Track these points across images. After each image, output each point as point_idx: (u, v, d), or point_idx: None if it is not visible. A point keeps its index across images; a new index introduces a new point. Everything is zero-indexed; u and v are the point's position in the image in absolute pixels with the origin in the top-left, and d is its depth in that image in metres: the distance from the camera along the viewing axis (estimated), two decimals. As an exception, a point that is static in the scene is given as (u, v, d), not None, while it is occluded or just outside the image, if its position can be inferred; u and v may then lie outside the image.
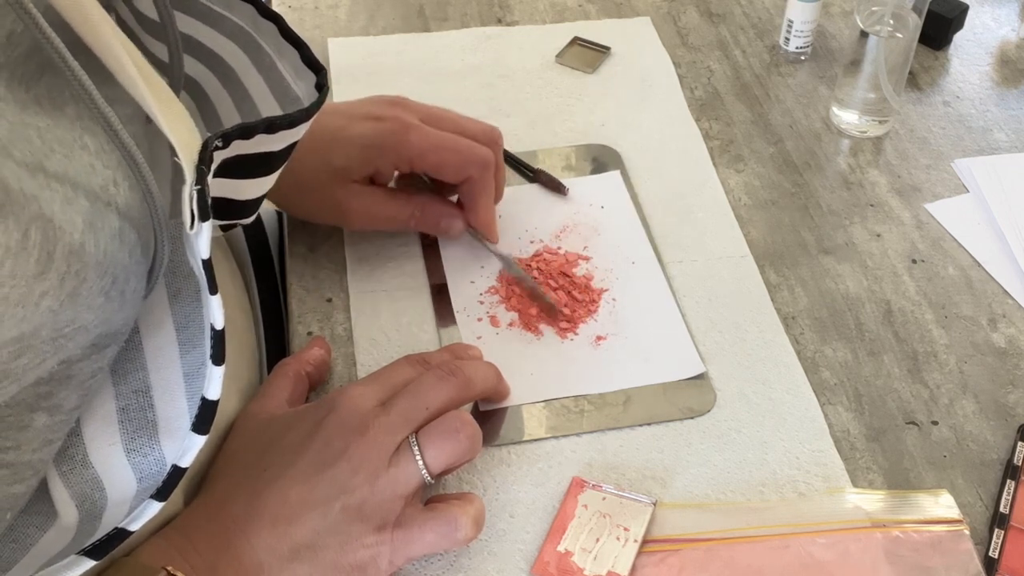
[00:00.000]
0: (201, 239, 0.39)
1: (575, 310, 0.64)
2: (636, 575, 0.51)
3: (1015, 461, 0.56)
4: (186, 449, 0.42)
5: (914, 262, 0.68)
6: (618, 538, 0.52)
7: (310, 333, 0.63)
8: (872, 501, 0.54)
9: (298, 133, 0.47)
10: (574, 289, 0.65)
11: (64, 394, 0.41)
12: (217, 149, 0.41)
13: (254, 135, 0.43)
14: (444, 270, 0.66)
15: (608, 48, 0.85)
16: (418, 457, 0.49)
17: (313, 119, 0.47)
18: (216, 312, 0.40)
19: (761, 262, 0.68)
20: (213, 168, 0.41)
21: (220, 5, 0.50)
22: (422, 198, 0.66)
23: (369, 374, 0.55)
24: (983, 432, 0.58)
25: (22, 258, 0.34)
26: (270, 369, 0.58)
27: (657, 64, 0.84)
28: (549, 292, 0.64)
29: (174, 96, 0.42)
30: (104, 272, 0.38)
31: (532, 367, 0.61)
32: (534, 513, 0.54)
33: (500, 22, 0.88)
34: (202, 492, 0.50)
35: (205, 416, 0.42)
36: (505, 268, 0.66)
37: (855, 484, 0.55)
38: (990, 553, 0.52)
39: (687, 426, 0.58)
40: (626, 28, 0.88)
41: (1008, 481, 0.55)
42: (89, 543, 0.41)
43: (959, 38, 0.86)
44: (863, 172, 0.75)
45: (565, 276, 0.66)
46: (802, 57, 0.84)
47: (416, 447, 0.50)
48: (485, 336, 0.62)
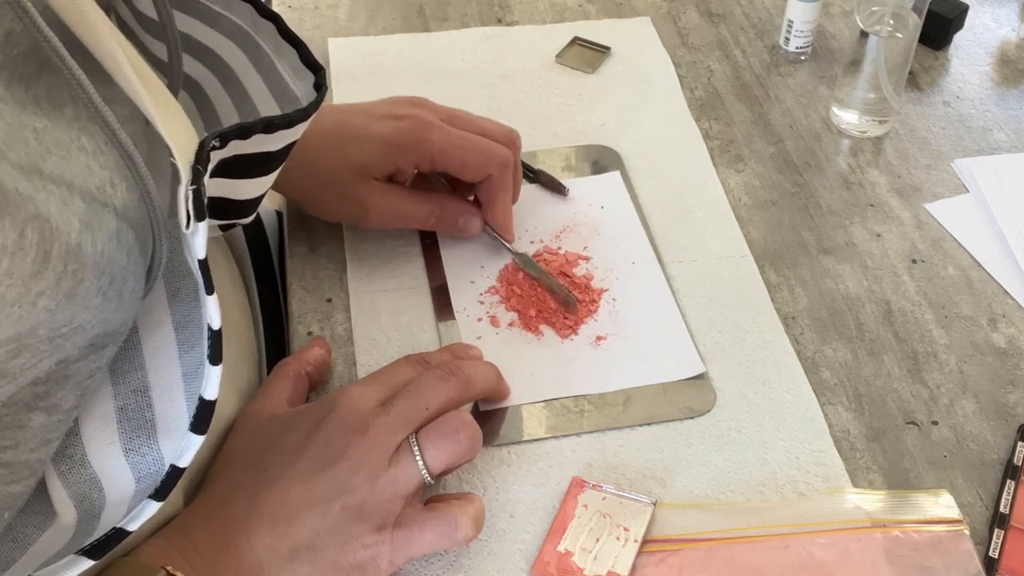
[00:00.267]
0: (197, 239, 0.39)
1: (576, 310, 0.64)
2: (636, 575, 0.51)
3: (1015, 461, 0.56)
4: (184, 449, 0.43)
5: (914, 262, 0.68)
6: (618, 538, 0.52)
7: (310, 333, 0.63)
8: (872, 501, 0.54)
9: (296, 133, 0.47)
10: (574, 289, 0.65)
11: (62, 394, 0.41)
12: (214, 149, 0.41)
13: (252, 135, 0.43)
14: (444, 270, 0.66)
15: (608, 48, 0.85)
16: (418, 457, 0.49)
17: (312, 118, 0.47)
18: (213, 312, 0.40)
19: (761, 262, 0.68)
20: (210, 168, 0.41)
21: (219, 4, 0.50)
22: (441, 197, 0.66)
23: (369, 374, 0.56)
24: (983, 432, 0.58)
25: (18, 257, 0.34)
26: (270, 369, 0.58)
27: (657, 64, 0.84)
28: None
29: (171, 96, 0.42)
30: (101, 272, 0.38)
31: (532, 367, 0.61)
32: (534, 513, 0.54)
33: (500, 22, 0.88)
34: (202, 492, 0.50)
35: (203, 416, 0.42)
36: (523, 266, 0.66)
37: (855, 484, 0.55)
38: (990, 553, 0.52)
39: (687, 426, 0.58)
40: (626, 28, 0.88)
41: (1008, 481, 0.55)
42: (88, 543, 0.41)
43: (959, 38, 0.86)
44: (863, 172, 0.75)
45: (565, 276, 0.65)
46: (802, 57, 0.84)
47: (416, 447, 0.50)
48: (485, 336, 0.62)
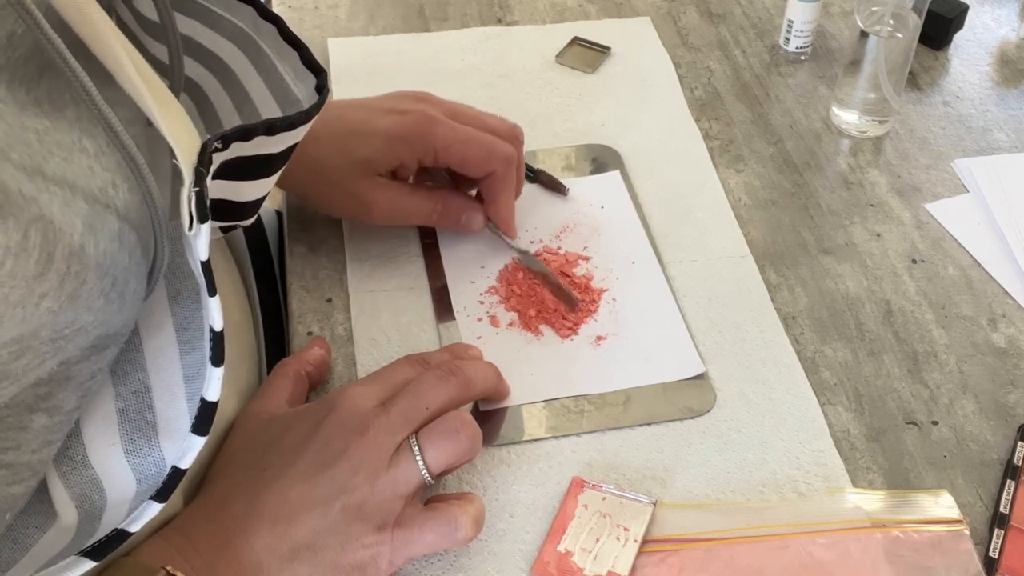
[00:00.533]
0: (199, 241, 0.39)
1: (576, 310, 0.64)
2: (636, 575, 0.51)
3: (1015, 461, 0.56)
4: (186, 450, 0.43)
5: (914, 262, 0.68)
6: (618, 538, 0.52)
7: (310, 333, 0.63)
8: (872, 501, 0.54)
9: (298, 135, 0.47)
10: (574, 289, 0.65)
11: (63, 395, 0.41)
12: (216, 151, 0.41)
13: (253, 137, 0.43)
14: (444, 270, 0.66)
15: (608, 48, 0.85)
16: (418, 457, 0.49)
17: (314, 120, 0.47)
18: (215, 313, 0.40)
19: (761, 262, 0.68)
20: (212, 170, 0.41)
21: (220, 6, 0.50)
22: (444, 193, 0.66)
23: (369, 374, 0.56)
24: (983, 432, 0.58)
25: (22, 259, 0.34)
26: (270, 369, 0.58)
27: (657, 64, 0.84)
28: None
29: (173, 98, 0.42)
30: (104, 273, 0.38)
31: (532, 367, 0.61)
32: (534, 513, 0.54)
33: (500, 22, 0.88)
34: (202, 492, 0.50)
35: (205, 417, 0.42)
36: (525, 263, 0.66)
37: (855, 484, 0.55)
38: (990, 553, 0.52)
39: (687, 426, 0.58)
40: (626, 28, 0.88)
41: (1008, 481, 0.55)
42: (89, 544, 0.41)
43: (959, 38, 0.86)
44: (863, 172, 0.75)
45: (565, 276, 0.66)
46: (802, 57, 0.84)
47: (416, 447, 0.50)
48: (485, 336, 0.63)
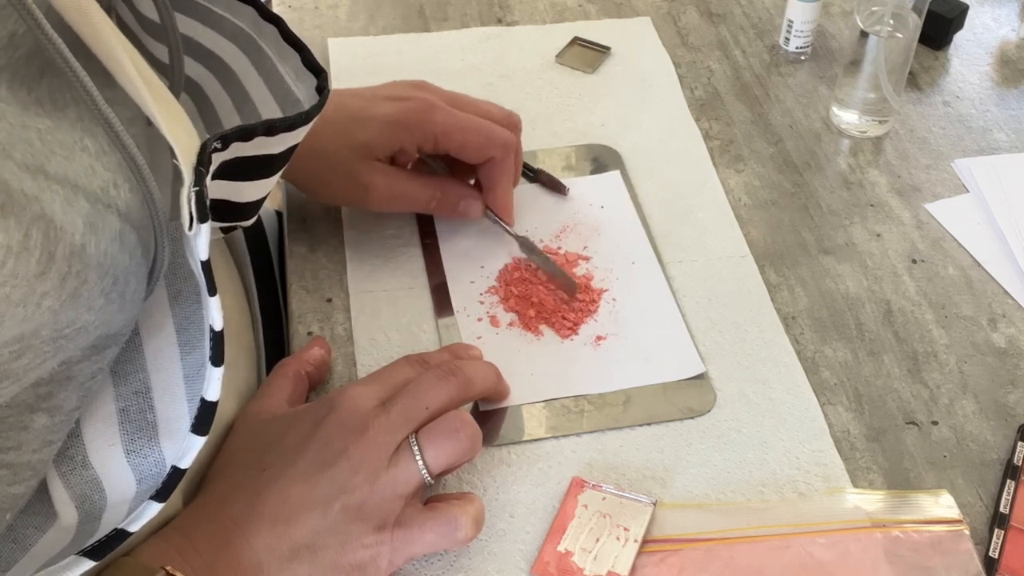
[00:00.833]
0: (199, 241, 0.39)
1: (576, 310, 0.64)
2: (636, 575, 0.51)
3: (1015, 461, 0.56)
4: (186, 450, 0.43)
5: (914, 262, 0.68)
6: (618, 538, 0.52)
7: (310, 333, 0.63)
8: (872, 501, 0.54)
9: (298, 136, 0.47)
10: (574, 289, 0.65)
11: (64, 395, 0.41)
12: (216, 151, 0.41)
13: (253, 137, 0.43)
14: (444, 270, 0.66)
15: (608, 48, 0.85)
16: (418, 457, 0.49)
17: (314, 121, 0.47)
18: (215, 313, 0.40)
19: (761, 262, 0.68)
20: (212, 170, 0.41)
21: (221, 7, 0.50)
22: (442, 180, 0.66)
23: (369, 374, 0.56)
24: (983, 432, 0.58)
25: (23, 258, 0.34)
26: (269, 370, 0.58)
27: (657, 64, 0.84)
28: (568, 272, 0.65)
29: (173, 98, 0.42)
30: (105, 273, 0.38)
31: (532, 367, 0.61)
32: (534, 513, 0.54)
33: (500, 22, 0.88)
34: (202, 492, 0.50)
35: (205, 417, 0.42)
36: (523, 250, 0.66)
37: (855, 484, 0.55)
38: (990, 553, 0.52)
39: (687, 426, 0.58)
40: (626, 28, 0.88)
41: (1008, 481, 0.55)
42: (88, 544, 0.41)
43: (959, 38, 0.86)
44: (863, 172, 0.75)
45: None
46: (802, 57, 0.84)
47: (416, 447, 0.50)
48: (485, 336, 0.63)
